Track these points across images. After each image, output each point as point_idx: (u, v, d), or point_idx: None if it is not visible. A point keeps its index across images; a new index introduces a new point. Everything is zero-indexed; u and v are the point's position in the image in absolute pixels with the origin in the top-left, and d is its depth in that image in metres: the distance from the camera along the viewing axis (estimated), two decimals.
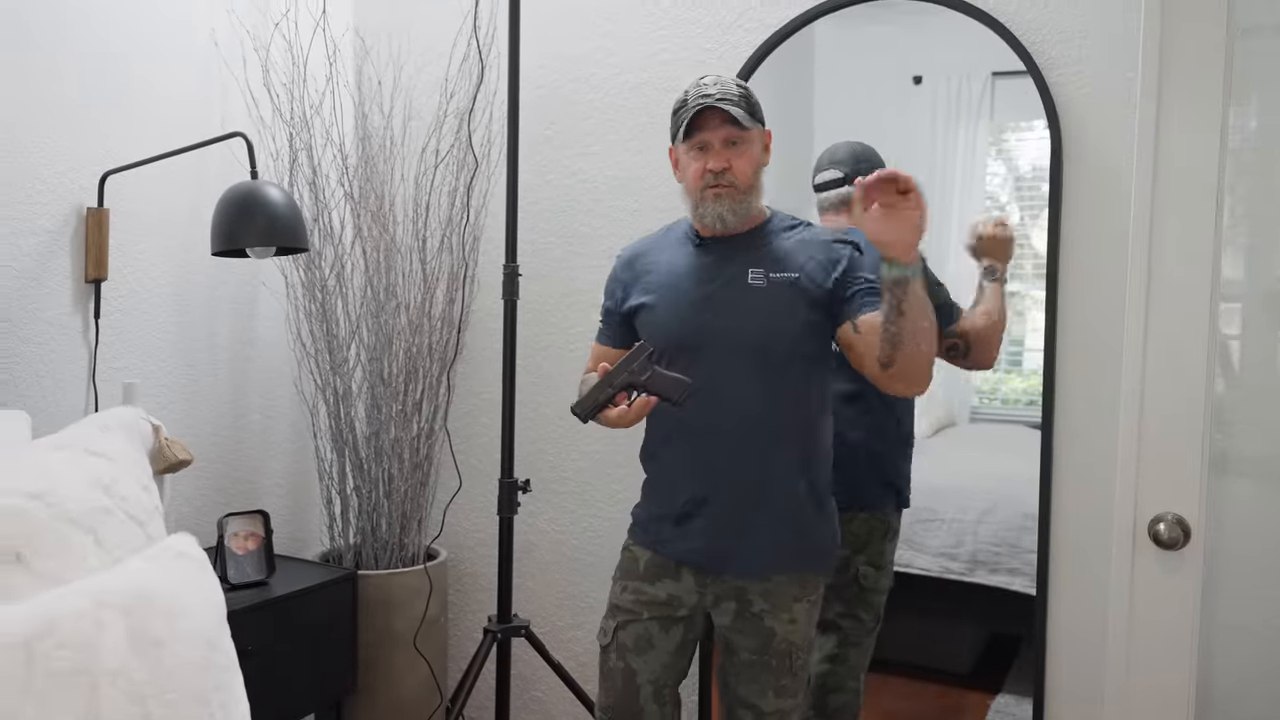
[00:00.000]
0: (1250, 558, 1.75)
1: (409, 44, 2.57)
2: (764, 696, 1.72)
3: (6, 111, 1.91)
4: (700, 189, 1.67)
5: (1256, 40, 1.66)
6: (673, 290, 1.72)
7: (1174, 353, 1.65)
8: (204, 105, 2.29)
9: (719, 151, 1.64)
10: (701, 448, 1.69)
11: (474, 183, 2.45)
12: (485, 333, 2.53)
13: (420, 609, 2.35)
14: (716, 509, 1.69)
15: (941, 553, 2.28)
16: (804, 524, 1.71)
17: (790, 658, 1.71)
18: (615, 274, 1.85)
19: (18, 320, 1.95)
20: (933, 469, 2.34)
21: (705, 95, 1.63)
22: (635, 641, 1.76)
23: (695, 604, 1.75)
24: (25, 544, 1.15)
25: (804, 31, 2.17)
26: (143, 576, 1.16)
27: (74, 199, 2.04)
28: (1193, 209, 1.61)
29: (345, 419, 2.40)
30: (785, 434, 1.68)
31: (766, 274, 1.67)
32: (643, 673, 1.76)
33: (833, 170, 2.07)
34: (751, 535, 1.69)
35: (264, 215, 1.91)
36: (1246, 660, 1.78)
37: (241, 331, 2.42)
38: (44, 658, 1.00)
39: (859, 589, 2.07)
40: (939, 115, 2.20)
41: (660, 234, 1.85)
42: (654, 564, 1.76)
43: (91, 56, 2.05)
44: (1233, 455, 1.75)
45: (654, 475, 1.81)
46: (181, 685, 1.09)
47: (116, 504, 1.28)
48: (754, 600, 1.70)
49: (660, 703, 1.78)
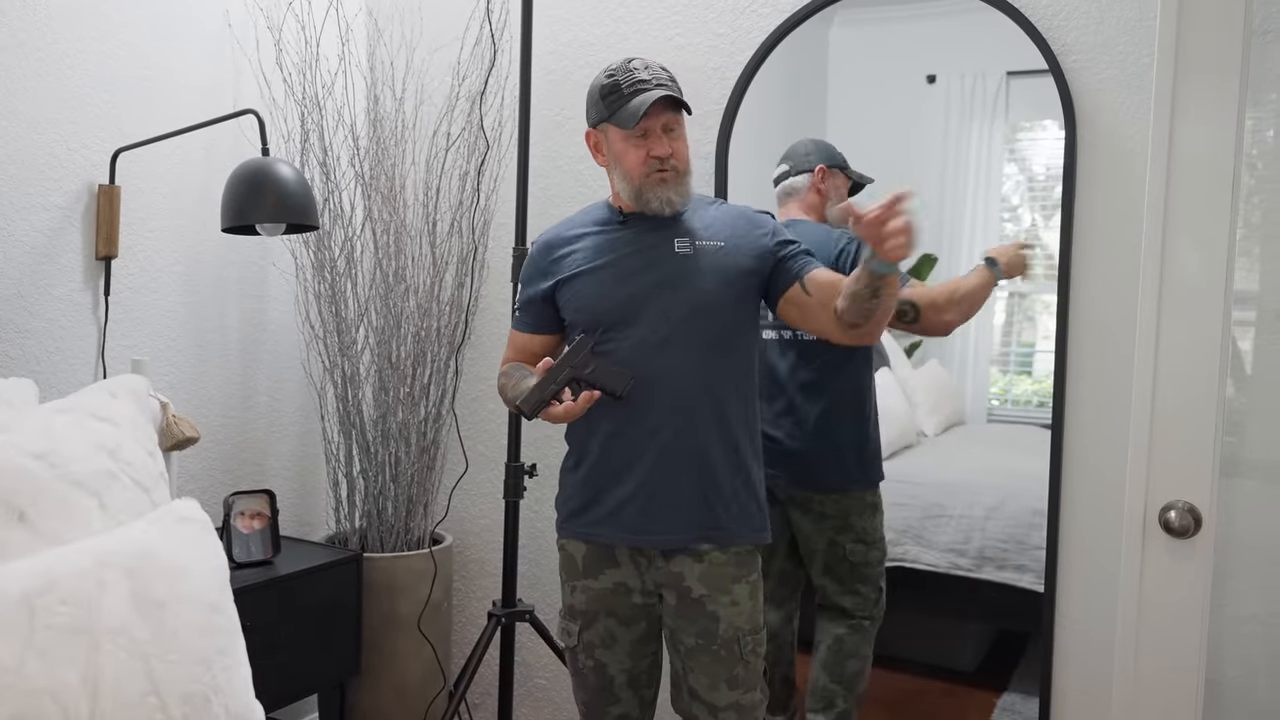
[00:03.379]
0: (1260, 550, 1.74)
1: (422, 26, 2.57)
2: (716, 691, 1.68)
3: (20, 87, 1.92)
4: (644, 174, 1.66)
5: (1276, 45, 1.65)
6: (598, 266, 1.71)
7: (1187, 346, 1.64)
8: (217, 85, 2.29)
9: (660, 138, 1.64)
10: (629, 420, 1.67)
11: (485, 166, 2.45)
12: (494, 317, 2.52)
13: (425, 593, 2.34)
14: (644, 479, 1.67)
15: (950, 549, 2.27)
16: (731, 492, 1.69)
17: (738, 644, 1.67)
18: (533, 259, 1.81)
19: (29, 296, 1.96)
20: (941, 465, 2.34)
21: (642, 81, 1.63)
22: (601, 638, 1.74)
23: (642, 588, 1.72)
24: (29, 503, 1.15)
25: (819, 29, 2.18)
26: (146, 538, 1.15)
27: (86, 176, 2.05)
28: (1208, 208, 1.60)
29: (353, 402, 2.40)
30: (714, 404, 1.67)
31: (693, 242, 1.68)
32: (613, 665, 1.75)
33: (781, 165, 2.16)
34: (679, 504, 1.66)
35: (274, 192, 1.91)
36: (1256, 650, 1.77)
37: (250, 312, 2.42)
38: (45, 613, 1.00)
39: (850, 566, 2.08)
40: (952, 114, 2.19)
41: (578, 215, 1.82)
42: (590, 555, 1.73)
43: (105, 36, 2.06)
44: (1245, 455, 1.74)
45: (580, 456, 1.76)
46: (184, 646, 1.08)
47: (121, 468, 1.28)
48: (692, 586, 1.67)
49: (635, 688, 1.77)
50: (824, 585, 2.12)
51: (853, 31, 2.21)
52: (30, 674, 0.96)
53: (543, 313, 1.78)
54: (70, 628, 1.01)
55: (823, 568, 2.11)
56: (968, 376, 2.29)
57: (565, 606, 1.79)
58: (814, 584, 2.14)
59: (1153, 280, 1.65)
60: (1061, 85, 1.89)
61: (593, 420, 1.68)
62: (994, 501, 2.22)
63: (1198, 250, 1.61)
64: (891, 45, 2.20)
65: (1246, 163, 1.59)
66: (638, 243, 1.71)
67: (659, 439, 1.66)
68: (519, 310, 1.84)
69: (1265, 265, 1.71)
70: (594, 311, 1.69)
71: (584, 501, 1.73)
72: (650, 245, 1.70)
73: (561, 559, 1.79)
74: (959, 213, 2.23)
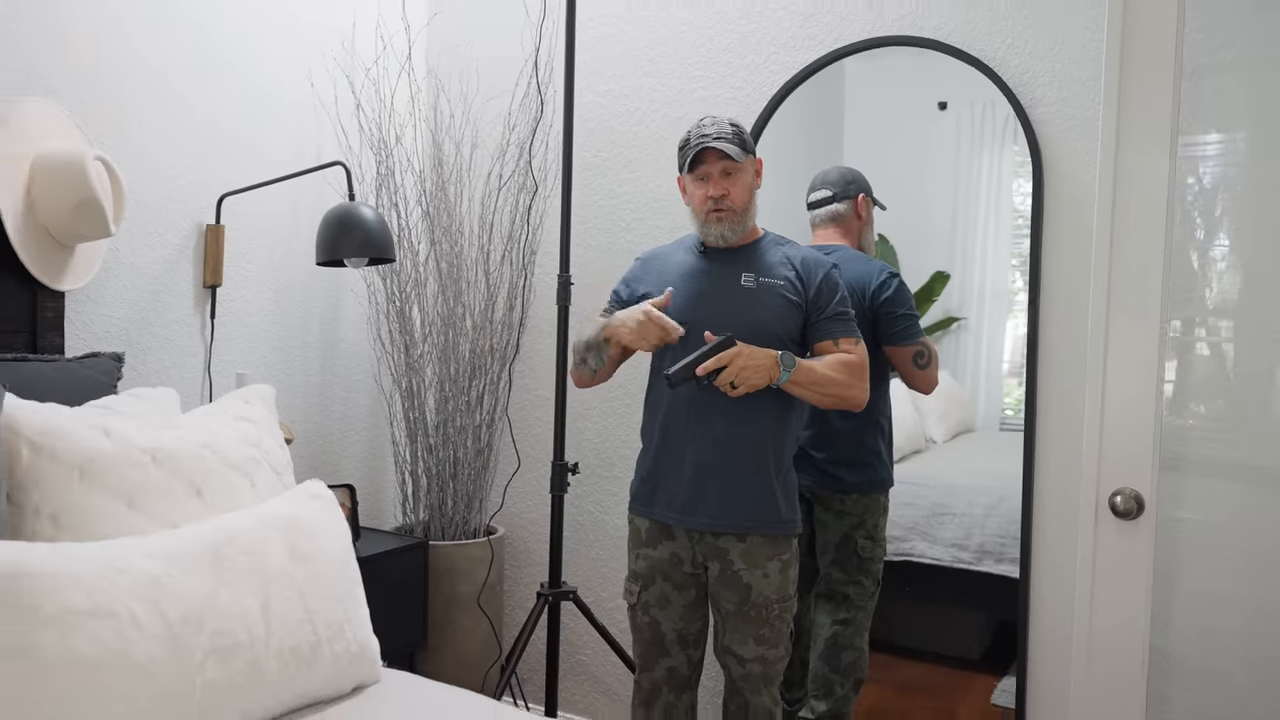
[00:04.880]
0: (1207, 537, 2.03)
1: (477, 82, 2.93)
2: (745, 645, 2.00)
3: (145, 142, 2.29)
4: (704, 212, 2.00)
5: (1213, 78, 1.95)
6: (680, 286, 2.05)
7: (1129, 358, 1.94)
8: (301, 137, 2.66)
9: (718, 181, 1.98)
10: (689, 425, 2.01)
11: (533, 203, 2.80)
12: (541, 334, 2.87)
13: (482, 576, 2.68)
14: (700, 476, 2.00)
15: (953, 544, 2.47)
16: (770, 490, 2.01)
17: (766, 609, 2.00)
18: (634, 269, 2.17)
19: (150, 319, 2.32)
20: (947, 469, 2.54)
21: (704, 135, 1.97)
22: (657, 599, 2.07)
23: (693, 560, 2.05)
24: (203, 482, 1.50)
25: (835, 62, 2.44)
26: (291, 509, 1.50)
27: (196, 217, 2.41)
28: (1145, 233, 1.91)
29: (418, 409, 2.75)
30: (760, 415, 1.99)
31: (757, 278, 2.01)
32: (665, 623, 2.07)
33: (824, 190, 2.39)
34: (726, 498, 1.99)
35: (360, 231, 2.26)
36: (1203, 621, 2.05)
37: (329, 331, 2.78)
38: (230, 559, 1.34)
39: (859, 559, 2.34)
40: (963, 139, 2.37)
41: (674, 243, 2.18)
42: (652, 530, 2.08)
43: (211, 98, 2.43)
44: (1190, 454, 2.03)
45: (649, 449, 2.11)
46: (325, 587, 1.42)
47: (263, 456, 1.62)
48: (734, 560, 2.00)
49: (684, 646, 2.09)
50: (830, 574, 2.37)
51: (867, 63, 2.42)
52: (224, 602, 1.30)
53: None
54: (248, 570, 1.35)
55: (833, 559, 2.36)
56: (980, 387, 2.47)
57: (630, 571, 2.12)
58: (821, 574, 2.39)
59: (1101, 300, 1.96)
60: (1029, 133, 2.19)
61: (661, 421, 2.04)
62: (993, 501, 2.41)
63: (1137, 276, 1.92)
64: (904, 75, 2.40)
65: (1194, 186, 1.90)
66: (713, 272, 2.04)
67: (713, 438, 1.99)
68: (610, 304, 2.17)
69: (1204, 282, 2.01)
70: (676, 319, 2.00)
71: (649, 486, 2.08)
72: (722, 275, 2.03)
73: (630, 531, 2.13)
74: (970, 232, 2.42)
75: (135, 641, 1.19)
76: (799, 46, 2.47)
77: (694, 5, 2.60)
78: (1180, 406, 2.05)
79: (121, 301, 2.25)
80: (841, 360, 1.99)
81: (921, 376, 2.32)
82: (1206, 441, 2.05)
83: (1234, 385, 2.02)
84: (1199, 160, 2.02)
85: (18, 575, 1.14)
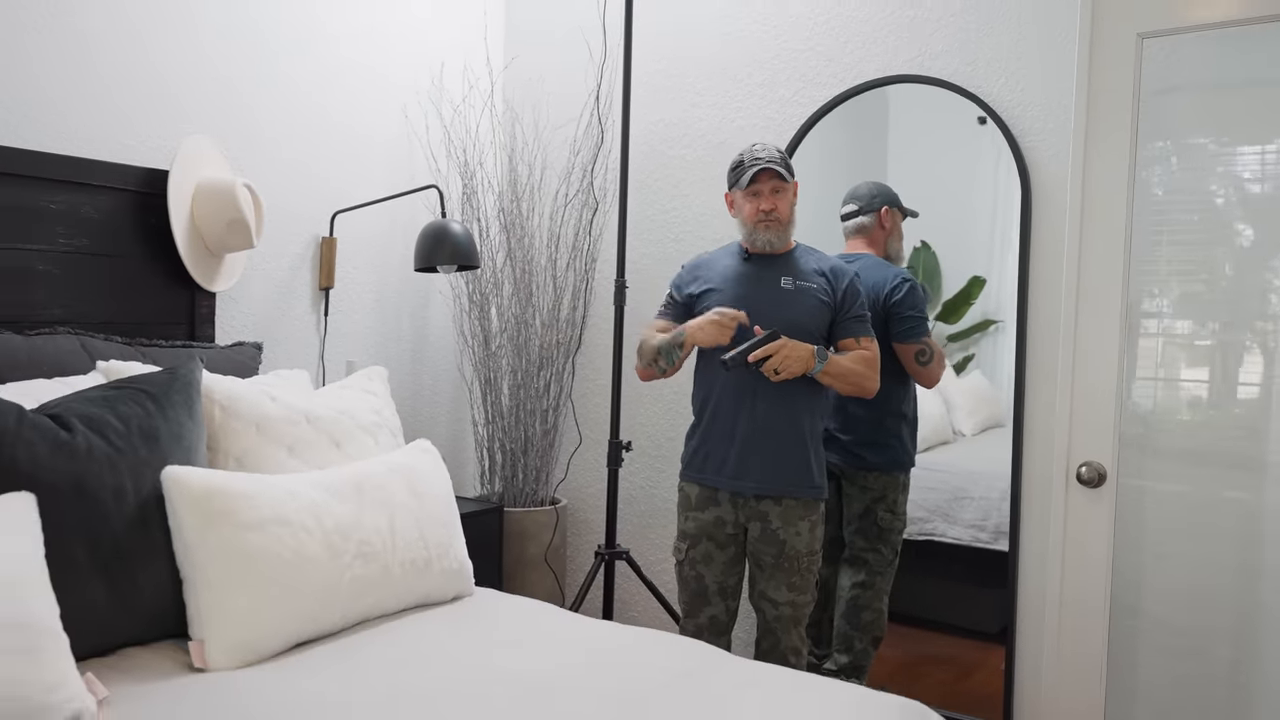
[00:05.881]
0: (1167, 505, 2.34)
1: (547, 113, 3.39)
2: (779, 590, 2.35)
3: (275, 170, 2.78)
4: (755, 222, 2.38)
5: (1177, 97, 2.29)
6: (726, 287, 2.42)
7: (1094, 346, 2.31)
8: (397, 161, 3.14)
9: (768, 196, 2.36)
10: (736, 404, 2.38)
11: (594, 218, 3.24)
12: (600, 331, 3.30)
13: (548, 538, 3.12)
14: (745, 448, 2.37)
15: (972, 525, 2.71)
16: (805, 461, 2.37)
17: (797, 561, 2.35)
18: (682, 274, 2.52)
19: (276, 318, 2.80)
20: (969, 458, 2.77)
21: (758, 159, 2.35)
22: (702, 556, 2.44)
23: (735, 522, 2.41)
24: (342, 438, 1.96)
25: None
26: (407, 459, 1.95)
27: (314, 230, 2.89)
28: (1108, 246, 2.27)
29: (494, 394, 3.20)
30: (795, 398, 2.36)
31: (795, 281, 2.38)
32: (708, 576, 2.44)
33: (852, 204, 2.74)
34: (767, 467, 2.34)
35: (451, 244, 2.72)
36: (1166, 579, 2.36)
37: (419, 327, 3.25)
38: (367, 491, 1.80)
39: (879, 530, 2.66)
40: (1001, 152, 2.56)
41: (718, 250, 2.55)
42: (701, 495, 2.44)
43: (326, 133, 2.91)
44: (1152, 441, 2.36)
45: (700, 421, 2.47)
46: (435, 517, 1.87)
47: (384, 421, 2.08)
48: (772, 520, 2.36)
49: (724, 597, 2.47)
50: (854, 541, 2.68)
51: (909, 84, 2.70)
52: (363, 521, 1.75)
53: (680, 310, 2.50)
54: (379, 500, 1.80)
55: (857, 528, 2.67)
56: (1009, 386, 2.59)
57: (679, 531, 2.48)
58: (846, 541, 2.70)
59: (1069, 296, 2.33)
60: (1019, 158, 2.54)
61: (712, 401, 2.41)
62: (1009, 486, 2.58)
63: (1101, 280, 2.29)
64: (942, 93, 2.63)
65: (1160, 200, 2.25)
66: (755, 275, 2.40)
67: (756, 415, 2.35)
68: (665, 306, 2.51)
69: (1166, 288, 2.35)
70: None
71: (700, 456, 2.44)
72: (763, 278, 2.39)
73: (680, 496, 2.49)
74: (1007, 240, 2.59)
75: (305, 543, 1.65)
76: (823, 83, 2.87)
77: (732, 47, 3.02)
78: (1146, 393, 2.38)
79: (257, 300, 2.74)
80: (861, 356, 2.35)
81: (923, 372, 2.63)
82: (1167, 424, 2.38)
83: (1189, 375, 2.36)
84: (1160, 171, 2.35)
85: (229, 495, 1.61)
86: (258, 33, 2.69)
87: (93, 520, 1.51)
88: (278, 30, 2.73)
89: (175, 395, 1.70)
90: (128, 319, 2.34)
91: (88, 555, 1.50)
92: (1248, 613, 2.26)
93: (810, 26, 2.88)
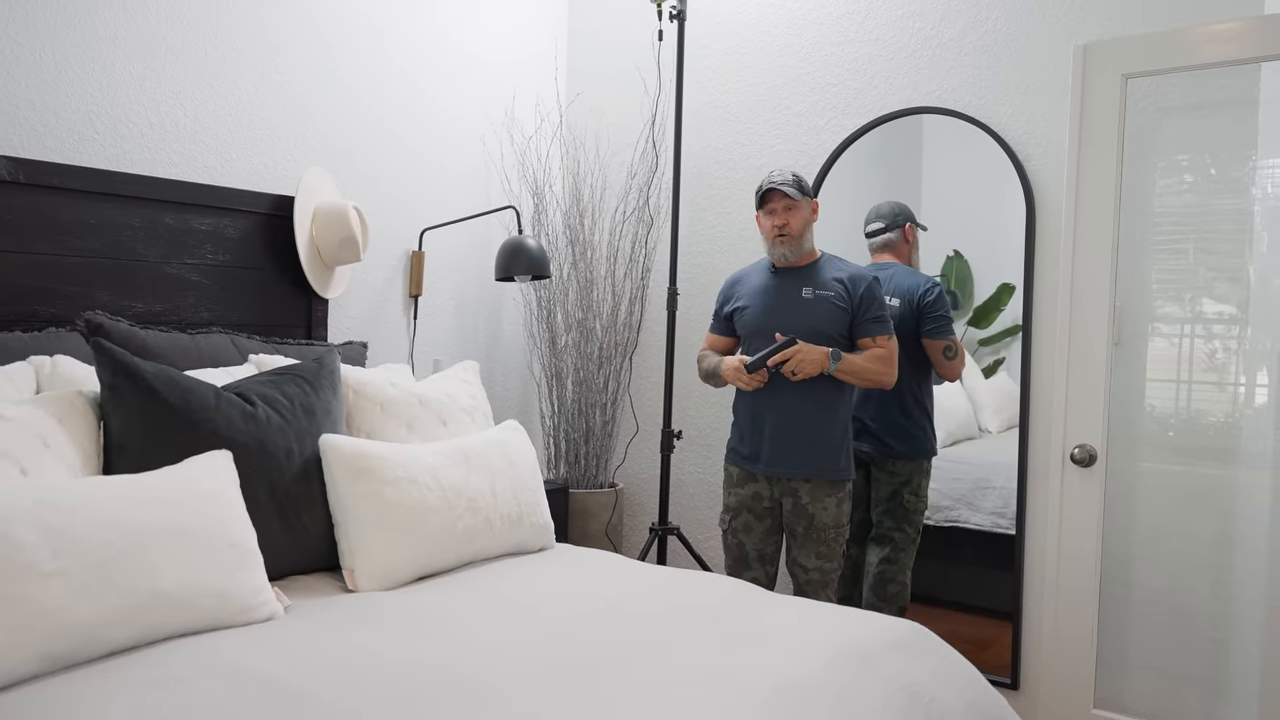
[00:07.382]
0: (1158, 483, 2.67)
1: (608, 139, 3.80)
2: (809, 558, 2.69)
3: (375, 193, 3.22)
4: (771, 237, 2.73)
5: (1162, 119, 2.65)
6: (757, 299, 2.78)
7: (1087, 340, 2.65)
8: (474, 184, 3.57)
9: (780, 214, 2.70)
10: (767, 403, 2.73)
11: (649, 233, 3.65)
12: (653, 334, 3.70)
13: (607, 516, 3.51)
14: (778, 438, 2.69)
15: (993, 512, 2.95)
16: (830, 447, 2.68)
17: (825, 532, 2.68)
18: (723, 289, 2.87)
19: (374, 321, 3.24)
20: (992, 451, 2.99)
21: (771, 181, 2.69)
22: (743, 526, 2.80)
23: (771, 497, 2.76)
24: (448, 417, 2.38)
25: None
26: (501, 435, 2.37)
27: (405, 245, 3.33)
28: (1096, 249, 2.62)
29: (559, 389, 3.61)
30: (820, 395, 2.65)
31: (815, 291, 2.70)
32: (748, 544, 2.80)
33: (877, 223, 3.09)
34: (797, 453, 2.67)
35: (526, 257, 3.14)
36: (1156, 551, 2.68)
37: (494, 330, 3.68)
38: (472, 460, 2.21)
39: (904, 510, 2.98)
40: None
41: (753, 265, 2.90)
42: (741, 475, 2.80)
43: (415, 161, 3.35)
44: (1145, 427, 2.69)
45: (740, 418, 2.82)
46: (525, 482, 2.29)
47: (478, 405, 2.50)
48: (803, 496, 2.71)
49: (763, 562, 2.83)
50: (881, 521, 2.99)
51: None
52: (472, 484, 2.16)
53: (724, 322, 2.88)
54: (482, 466, 2.21)
55: (884, 509, 2.97)
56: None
57: (724, 505, 2.84)
58: (874, 521, 3.01)
59: (1065, 300, 2.68)
60: (1025, 183, 2.90)
61: (749, 399, 2.75)
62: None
63: (1092, 284, 2.63)
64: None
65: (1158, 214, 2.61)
66: (781, 287, 2.71)
67: (785, 410, 2.69)
68: (714, 319, 2.89)
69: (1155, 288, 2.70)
70: (751, 327, 2.76)
71: (743, 446, 2.77)
72: (788, 289, 2.70)
73: (724, 476, 2.86)
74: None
75: (426, 497, 2.07)
76: (853, 112, 3.24)
77: (772, 79, 3.41)
78: (1137, 385, 2.72)
79: (360, 305, 3.18)
80: (875, 354, 2.67)
81: (948, 366, 2.96)
82: (1155, 410, 2.71)
83: (1178, 369, 2.69)
84: (1150, 187, 2.70)
85: (371, 457, 2.04)
86: (360, 83, 3.14)
87: (271, 473, 1.95)
88: (378, 81, 3.18)
89: (324, 380, 2.14)
90: (259, 321, 2.79)
91: (269, 499, 1.93)
92: (1221, 576, 2.58)
93: (841, 62, 3.26)
